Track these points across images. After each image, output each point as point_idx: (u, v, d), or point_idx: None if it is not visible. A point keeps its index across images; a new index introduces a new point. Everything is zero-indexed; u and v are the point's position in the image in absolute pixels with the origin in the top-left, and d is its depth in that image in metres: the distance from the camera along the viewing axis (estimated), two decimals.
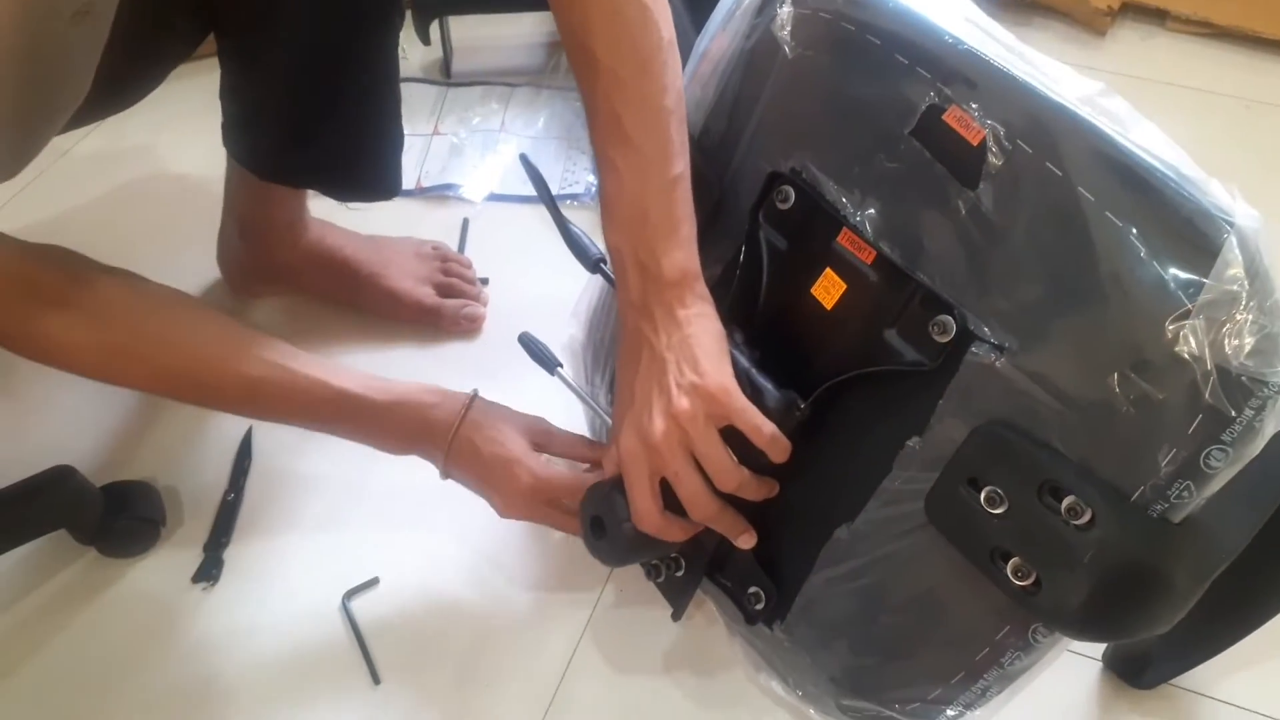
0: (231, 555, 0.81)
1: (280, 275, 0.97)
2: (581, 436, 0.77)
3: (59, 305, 0.62)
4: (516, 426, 0.73)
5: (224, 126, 0.88)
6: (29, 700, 0.72)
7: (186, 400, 0.73)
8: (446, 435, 0.71)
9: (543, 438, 0.73)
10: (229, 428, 0.88)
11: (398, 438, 0.73)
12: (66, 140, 1.13)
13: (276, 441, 0.88)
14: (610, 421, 0.75)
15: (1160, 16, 1.34)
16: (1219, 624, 0.70)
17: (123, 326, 0.65)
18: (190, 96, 0.90)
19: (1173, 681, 0.72)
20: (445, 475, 0.73)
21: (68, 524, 0.78)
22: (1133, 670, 0.72)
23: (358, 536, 0.82)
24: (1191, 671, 0.72)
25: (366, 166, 0.89)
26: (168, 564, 0.80)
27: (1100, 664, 0.73)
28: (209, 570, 0.79)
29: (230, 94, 0.85)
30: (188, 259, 1.00)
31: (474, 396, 0.73)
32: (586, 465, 0.75)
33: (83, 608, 0.77)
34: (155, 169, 1.14)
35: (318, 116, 0.83)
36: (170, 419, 0.90)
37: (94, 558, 0.80)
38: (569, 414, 0.83)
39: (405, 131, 0.90)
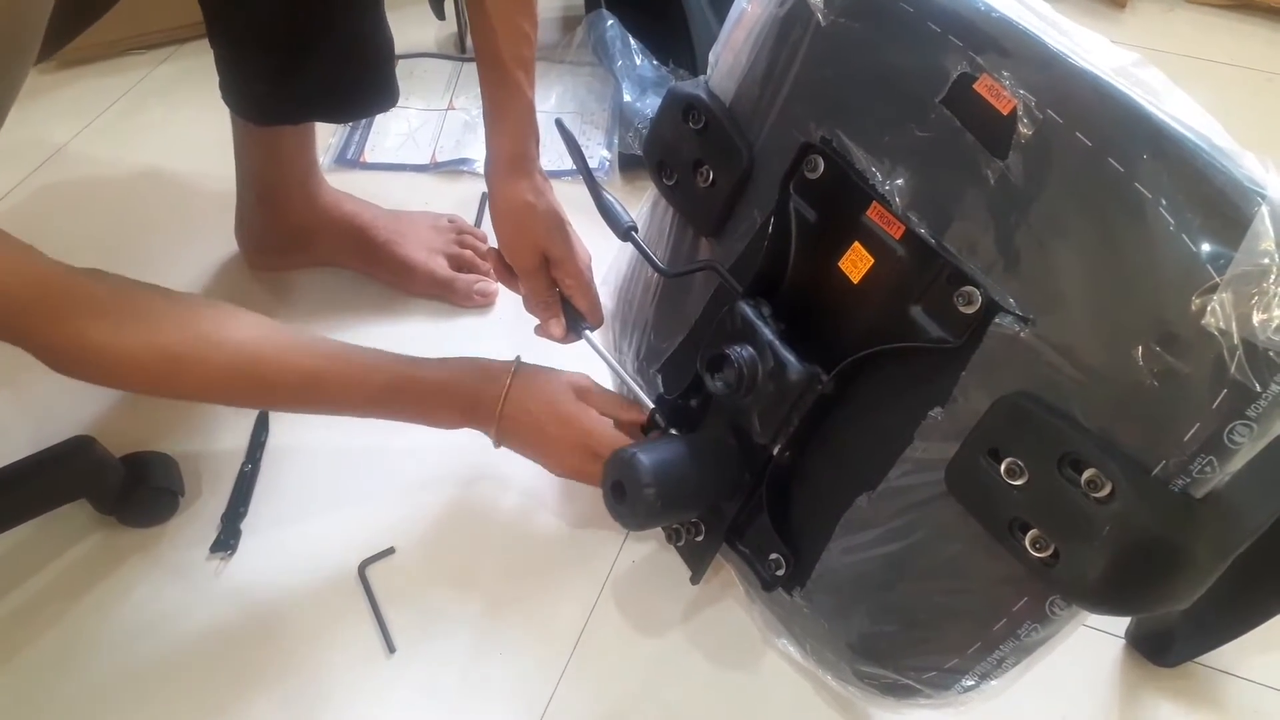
0: (249, 526, 0.82)
1: (297, 241, 0.98)
2: (619, 396, 0.79)
3: (108, 316, 0.62)
4: (562, 385, 0.76)
5: (220, 84, 0.89)
6: (52, 668, 0.74)
7: (243, 402, 0.75)
8: (495, 409, 0.74)
9: (585, 396, 0.77)
10: None
11: (451, 416, 0.76)
12: (67, 132, 1.16)
13: (293, 415, 0.89)
14: (640, 393, 0.76)
15: None
16: (1245, 603, 0.70)
17: (173, 328, 0.65)
18: (196, 80, 0.90)
19: (1197, 660, 0.72)
20: (499, 444, 0.76)
21: (88, 493, 0.80)
22: (1156, 648, 0.72)
23: (373, 507, 0.84)
24: (1216, 650, 0.72)
25: (362, 82, 0.90)
26: (186, 534, 0.82)
27: (1124, 641, 0.73)
28: (227, 541, 0.81)
29: (218, 44, 0.86)
30: (204, 240, 1.02)
31: (517, 365, 0.76)
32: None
33: (103, 576, 0.79)
34: (166, 154, 1.15)
35: (305, 42, 0.83)
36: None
37: (114, 527, 0.81)
38: (598, 378, 0.84)
39: (420, 107, 0.91)
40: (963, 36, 0.55)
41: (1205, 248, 0.47)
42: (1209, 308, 0.46)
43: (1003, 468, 0.52)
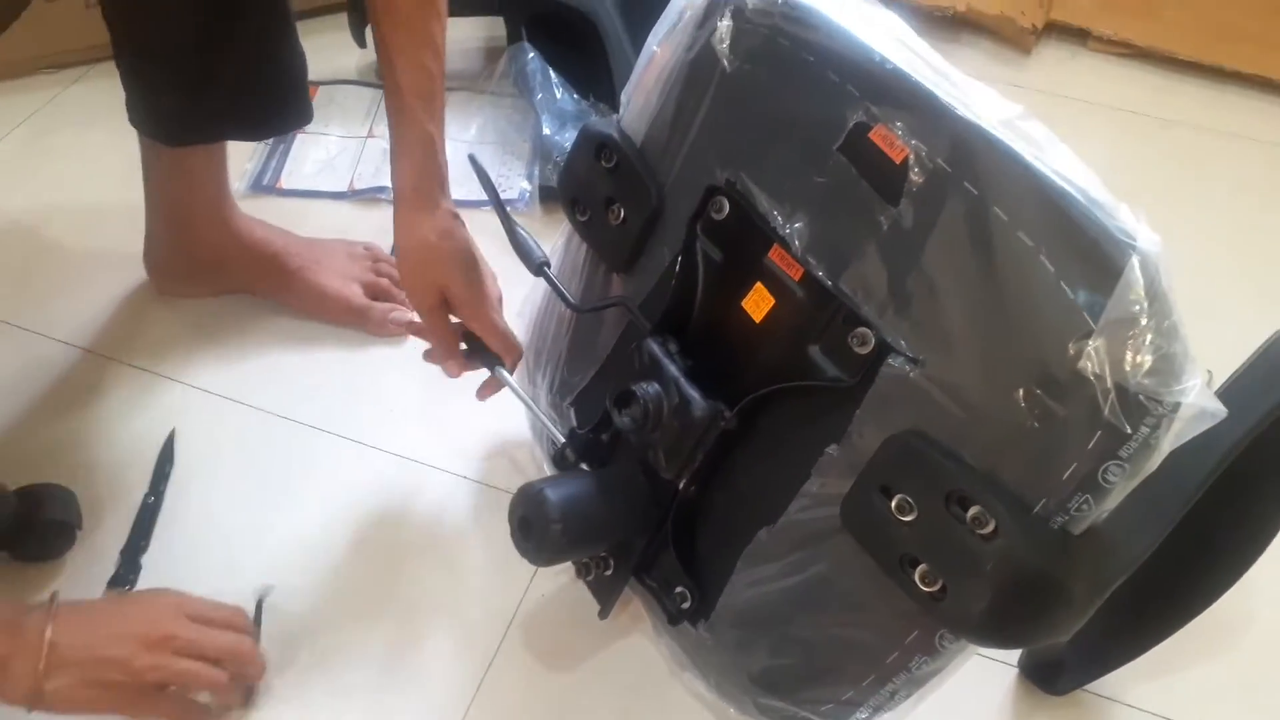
0: (150, 560, 0.80)
1: (208, 267, 0.97)
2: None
3: None
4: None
5: (127, 104, 0.87)
6: None
7: None
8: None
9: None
10: (151, 431, 0.88)
11: None
12: None
13: (199, 445, 0.88)
14: (551, 427, 0.76)
15: (1083, 36, 1.38)
16: (1130, 632, 0.73)
17: None
18: (110, 101, 0.89)
19: (1086, 688, 0.75)
20: (39, 694, 0.62)
21: None
22: (1047, 677, 0.74)
23: (278, 541, 0.82)
24: (1104, 678, 0.74)
25: (272, 100, 0.89)
26: (83, 569, 0.79)
27: (1017, 671, 0.75)
28: (125, 575, 0.78)
29: (124, 62, 0.85)
30: (112, 266, 1.00)
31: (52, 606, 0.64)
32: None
33: None
34: (75, 178, 1.12)
35: (213, 59, 0.82)
36: (90, 422, 0.89)
37: (6, 562, 0.78)
38: (508, 412, 0.84)
39: (340, 134, 0.91)
40: (859, 87, 0.57)
41: (1082, 296, 0.49)
42: (1085, 353, 0.49)
43: (893, 504, 0.54)
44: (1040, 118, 0.57)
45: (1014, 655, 0.76)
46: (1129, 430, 0.48)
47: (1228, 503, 0.67)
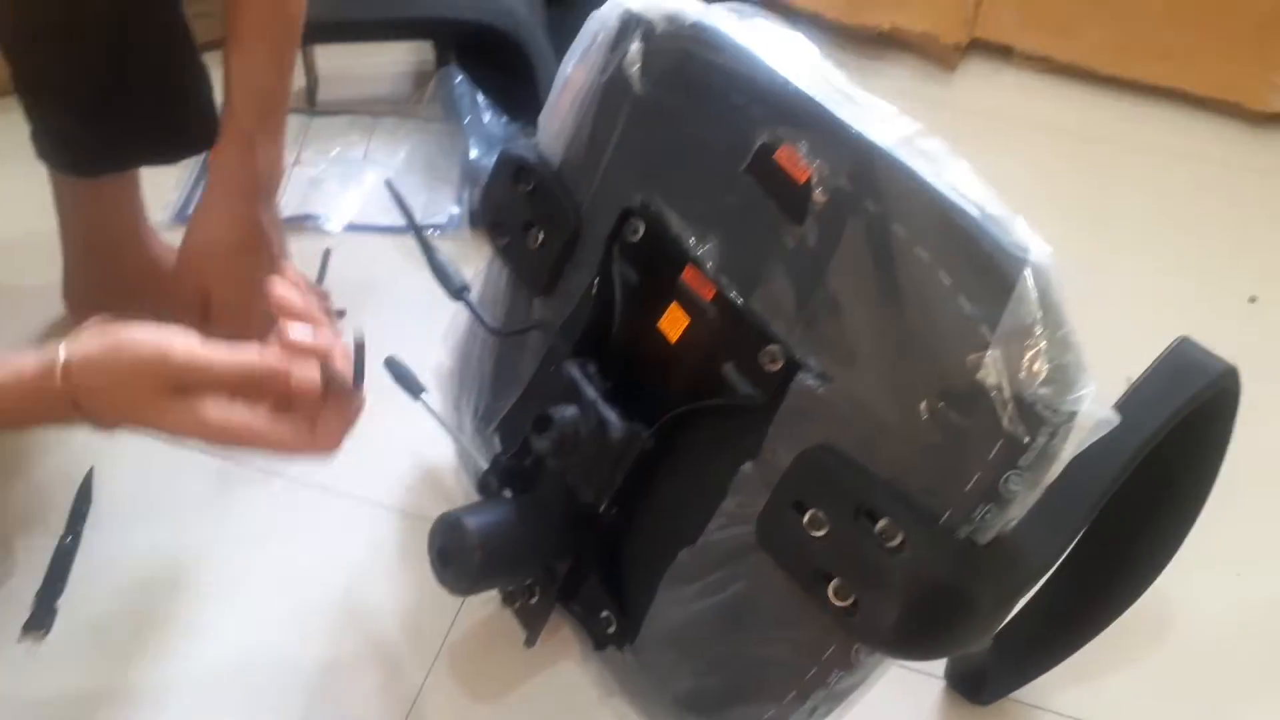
0: (67, 603, 0.78)
1: (127, 298, 0.94)
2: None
3: None
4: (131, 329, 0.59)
5: (33, 138, 0.86)
6: None
7: None
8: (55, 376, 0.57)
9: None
10: (68, 469, 0.86)
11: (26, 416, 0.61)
12: None
13: (118, 484, 0.85)
14: (475, 454, 0.75)
15: (1006, 53, 1.41)
16: (1050, 640, 0.74)
17: None
18: (20, 134, 0.87)
19: (1011, 696, 0.75)
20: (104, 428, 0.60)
21: None
22: (972, 687, 0.75)
23: (199, 576, 0.80)
24: (1029, 686, 0.75)
25: (181, 121, 0.87)
26: None
27: (943, 682, 0.76)
28: (41, 619, 0.76)
29: (27, 96, 0.83)
30: (30, 302, 0.97)
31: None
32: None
33: None
34: None
35: (117, 88, 0.81)
36: (4, 461, 0.87)
37: None
38: (429, 443, 0.84)
39: None
40: (764, 108, 0.58)
41: (978, 309, 0.50)
42: (983, 365, 0.50)
43: (806, 519, 0.54)
44: (964, 134, 0.58)
45: (940, 667, 0.76)
46: (1027, 439, 0.49)
47: (1137, 509, 0.68)
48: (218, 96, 0.87)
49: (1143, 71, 1.35)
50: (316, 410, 0.60)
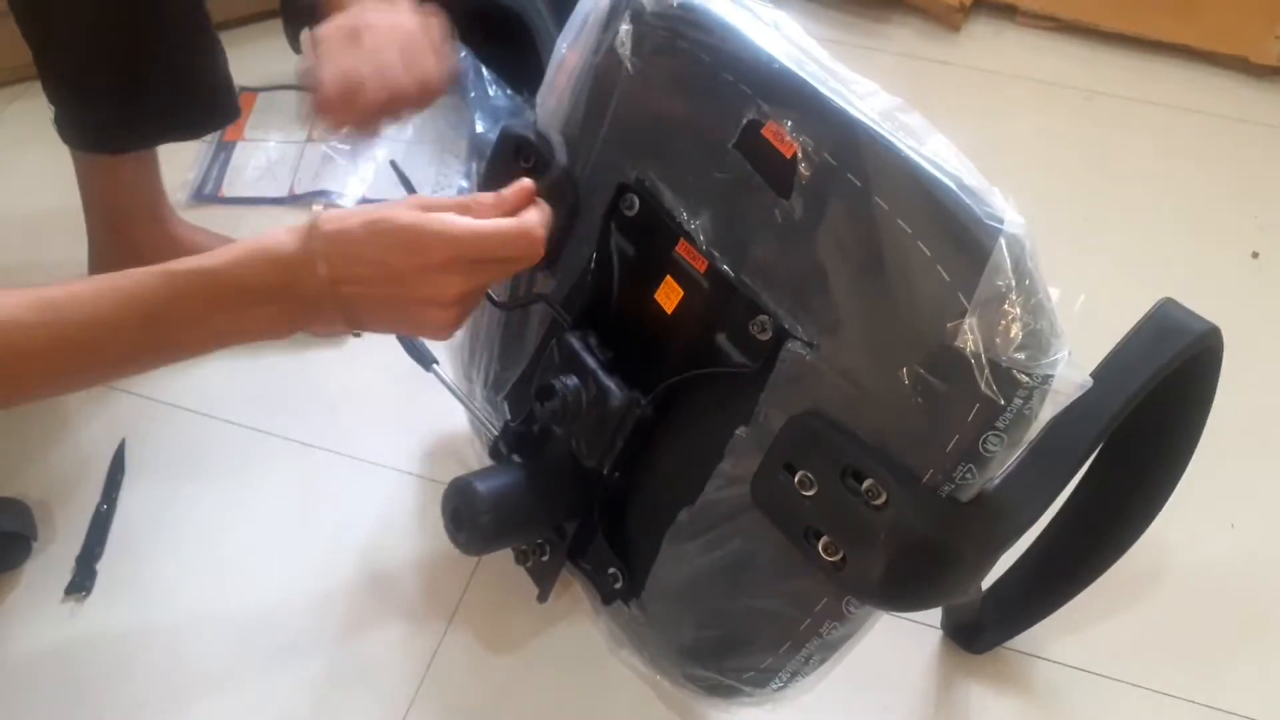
0: (105, 566, 0.82)
1: None
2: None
3: None
4: (385, 210, 0.59)
5: (55, 121, 0.89)
6: None
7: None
8: (313, 273, 0.57)
9: (424, 207, 0.59)
10: (102, 440, 0.90)
11: (263, 300, 0.58)
12: None
13: (150, 453, 0.90)
14: (486, 424, 0.79)
15: (1010, 12, 1.41)
16: (1044, 590, 0.77)
17: None
18: (37, 119, 0.91)
19: (1006, 645, 0.79)
20: (352, 324, 0.60)
21: None
22: (968, 637, 0.78)
23: (229, 539, 0.85)
24: (1023, 635, 0.78)
25: (201, 98, 0.91)
26: (40, 577, 0.81)
27: (940, 632, 0.79)
28: (81, 583, 0.81)
29: (49, 79, 0.86)
30: (57, 276, 0.96)
31: (314, 218, 0.59)
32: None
33: None
34: (16, 195, 1.13)
35: (137, 68, 0.84)
36: (42, 435, 0.91)
37: None
38: (446, 412, 0.87)
39: (278, 139, 0.92)
40: (751, 85, 0.60)
41: (956, 278, 0.52)
42: (961, 332, 0.52)
43: (796, 480, 0.57)
44: (968, 93, 0.59)
45: (935, 617, 0.79)
46: (1003, 402, 0.51)
47: (1126, 464, 0.71)
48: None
49: (1146, 27, 1.35)
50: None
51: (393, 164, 0.80)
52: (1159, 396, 0.61)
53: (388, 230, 0.57)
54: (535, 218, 0.62)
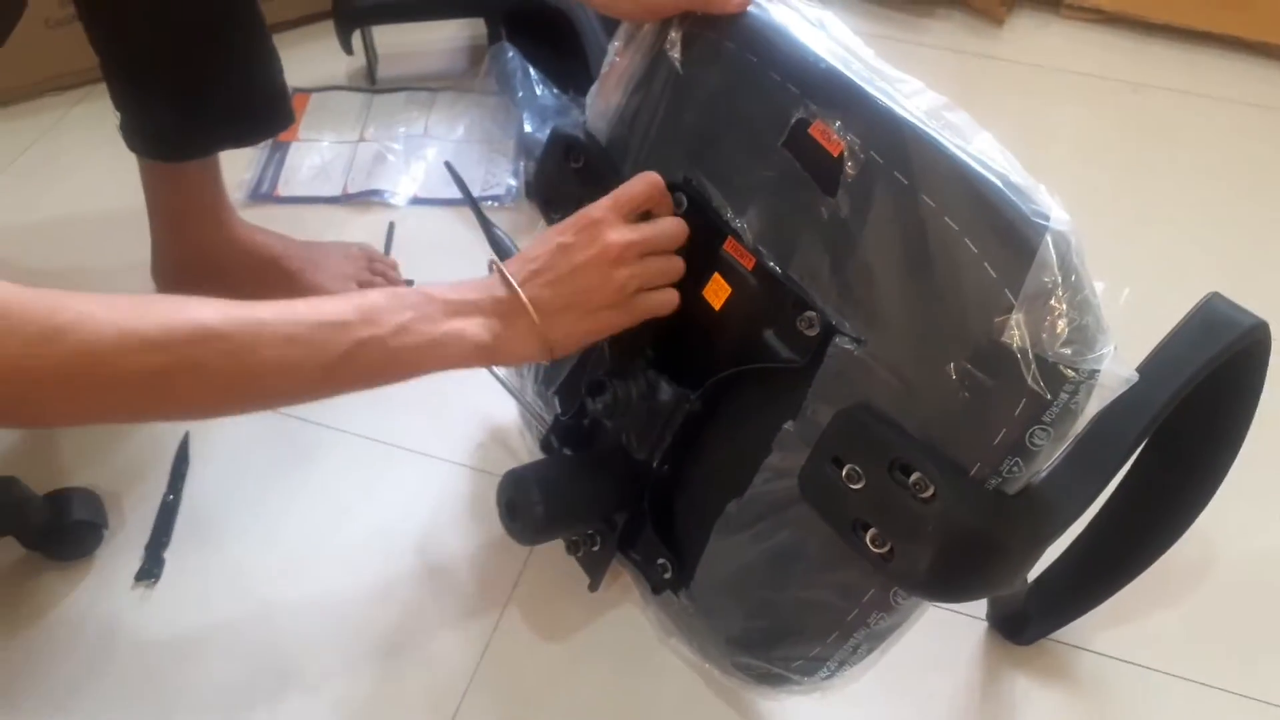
0: (172, 554, 0.86)
1: (211, 273, 1.01)
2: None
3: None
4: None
5: (121, 129, 0.92)
6: None
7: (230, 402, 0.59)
8: (508, 292, 0.63)
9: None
10: (167, 434, 0.94)
11: (468, 338, 0.62)
12: None
13: (212, 446, 0.93)
14: (537, 418, 0.81)
15: (1054, 5, 1.41)
16: (1090, 582, 0.77)
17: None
18: (102, 121, 0.94)
19: (1051, 637, 0.79)
20: (550, 346, 0.64)
21: (14, 531, 0.83)
22: (1013, 628, 0.79)
23: (291, 530, 0.87)
24: (1068, 627, 0.79)
25: (260, 105, 0.94)
26: (111, 565, 0.85)
27: (985, 623, 0.80)
28: (150, 569, 0.84)
29: (116, 88, 0.90)
30: (123, 280, 1.04)
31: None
32: None
33: (31, 608, 0.82)
34: (82, 195, 1.17)
35: (202, 77, 0.87)
36: (110, 428, 0.95)
37: (41, 561, 0.84)
38: (498, 406, 0.89)
39: (331, 140, 0.95)
40: (799, 85, 0.61)
41: (1003, 274, 0.53)
42: (1008, 327, 0.53)
43: (844, 473, 0.58)
44: (1013, 87, 0.60)
45: (981, 609, 0.80)
46: (1049, 397, 0.52)
47: (1172, 458, 0.71)
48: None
49: (1195, 17, 1.33)
50: None
51: (448, 165, 0.82)
52: (1206, 391, 0.62)
53: (551, 234, 0.65)
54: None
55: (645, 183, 0.66)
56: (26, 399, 0.53)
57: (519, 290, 0.63)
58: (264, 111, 0.95)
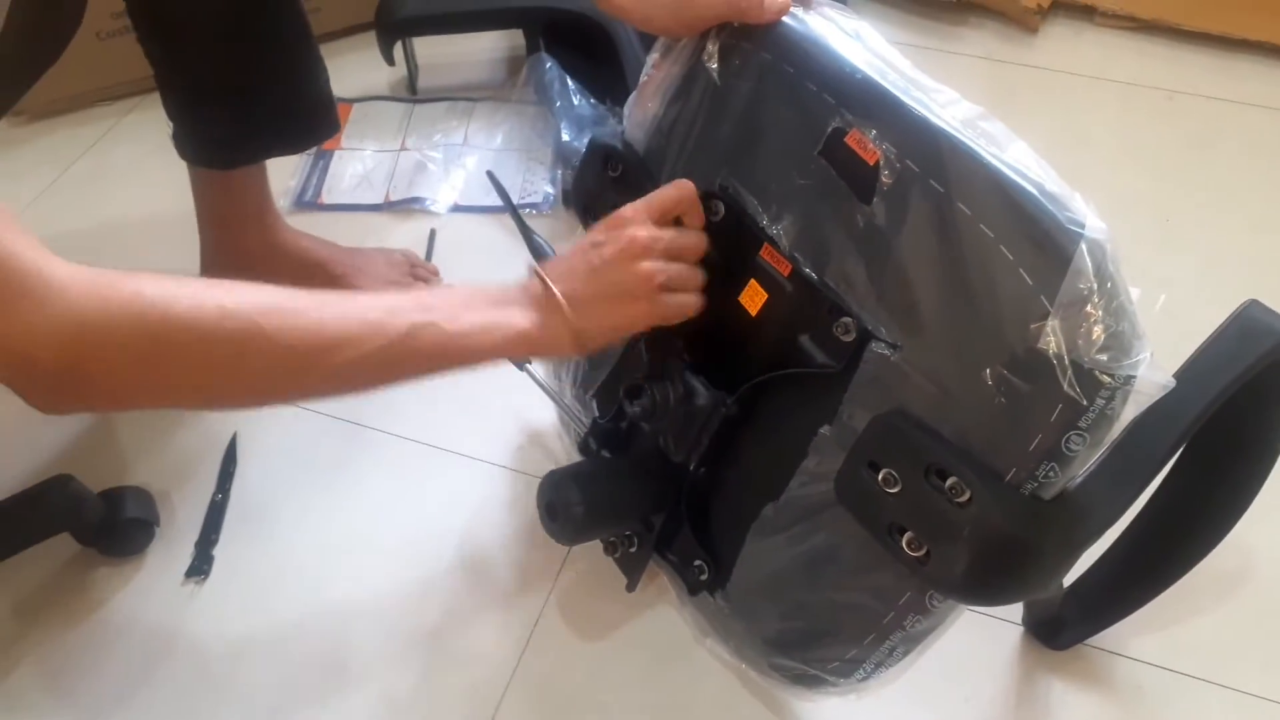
0: (221, 552, 0.88)
1: (259, 274, 1.02)
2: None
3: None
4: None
5: (174, 137, 0.95)
6: (38, 690, 0.80)
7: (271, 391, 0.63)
8: (543, 292, 0.65)
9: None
10: (216, 434, 0.97)
11: (511, 330, 0.64)
12: (37, 185, 1.22)
13: (259, 447, 0.96)
14: (575, 420, 0.82)
15: (1089, 12, 1.40)
16: (1126, 588, 0.77)
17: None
18: (163, 127, 0.96)
19: (1087, 642, 0.79)
20: (581, 339, 0.65)
21: (69, 527, 0.86)
22: (1050, 633, 0.79)
23: (336, 529, 0.90)
24: (1104, 632, 0.79)
25: (310, 117, 0.97)
26: (162, 561, 0.88)
27: (1021, 628, 0.80)
28: (200, 566, 0.87)
29: (170, 98, 0.93)
30: None
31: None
32: None
33: (85, 603, 0.85)
34: (134, 202, 1.21)
35: (250, 84, 0.90)
36: (160, 429, 0.98)
37: (95, 557, 0.87)
38: (536, 409, 0.91)
39: (374, 149, 0.97)
40: (835, 95, 0.62)
41: (1038, 281, 0.54)
42: (1044, 334, 0.53)
43: (880, 477, 0.59)
44: (1048, 95, 0.60)
45: (1018, 613, 0.81)
46: (1086, 402, 0.53)
47: (1210, 464, 0.71)
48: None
49: (1230, 24, 1.33)
50: None
51: (489, 174, 0.84)
52: (1243, 398, 0.62)
53: (582, 243, 0.67)
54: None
55: (678, 189, 0.68)
56: (111, 372, 0.55)
57: (551, 285, 0.65)
58: (312, 119, 0.97)
